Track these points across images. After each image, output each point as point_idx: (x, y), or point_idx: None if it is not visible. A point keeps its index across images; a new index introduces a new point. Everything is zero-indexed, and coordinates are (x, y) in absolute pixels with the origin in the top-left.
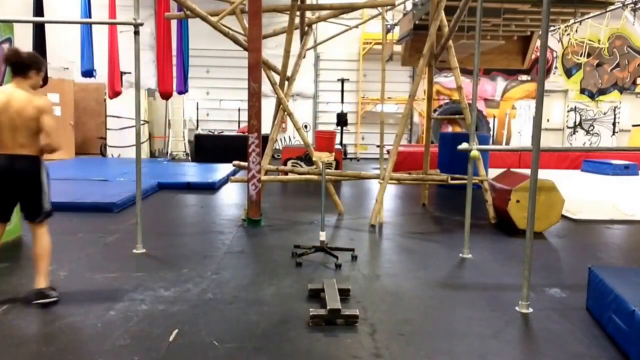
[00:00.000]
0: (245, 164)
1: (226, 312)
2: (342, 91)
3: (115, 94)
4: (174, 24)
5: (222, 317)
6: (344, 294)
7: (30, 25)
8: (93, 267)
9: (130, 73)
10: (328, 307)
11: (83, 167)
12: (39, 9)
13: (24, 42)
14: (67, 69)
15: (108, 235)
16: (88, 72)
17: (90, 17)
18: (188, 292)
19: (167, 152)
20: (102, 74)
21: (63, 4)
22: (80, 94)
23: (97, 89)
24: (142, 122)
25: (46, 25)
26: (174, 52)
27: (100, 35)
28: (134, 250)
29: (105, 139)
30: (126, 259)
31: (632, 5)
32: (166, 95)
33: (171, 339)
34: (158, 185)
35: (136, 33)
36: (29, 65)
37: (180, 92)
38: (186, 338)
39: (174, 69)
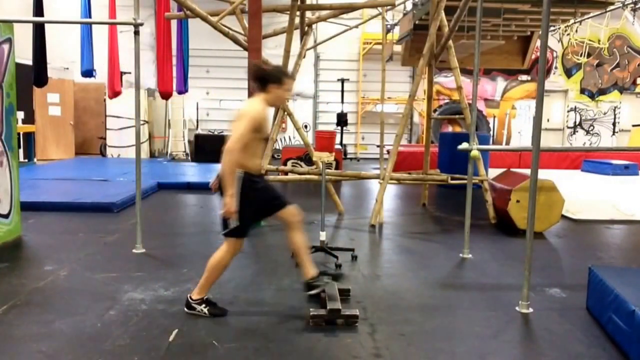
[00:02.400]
0: None
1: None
2: (342, 91)
3: (115, 94)
4: (174, 24)
5: (222, 317)
6: (344, 294)
7: (30, 25)
8: (93, 266)
9: (130, 73)
10: (328, 307)
11: (83, 167)
12: (38, 9)
13: (24, 42)
14: (67, 69)
15: (108, 235)
16: (88, 72)
17: (90, 17)
18: (188, 292)
19: (167, 152)
20: (102, 74)
21: (63, 4)
22: (80, 94)
23: (97, 89)
24: (142, 122)
25: (46, 25)
26: (174, 52)
27: (100, 35)
28: (134, 250)
29: (105, 139)
30: (126, 259)
31: (632, 5)
32: (166, 95)
33: (171, 338)
34: (158, 185)
35: (136, 33)
36: (266, 79)
37: (180, 92)
38: (186, 338)
39: (174, 69)
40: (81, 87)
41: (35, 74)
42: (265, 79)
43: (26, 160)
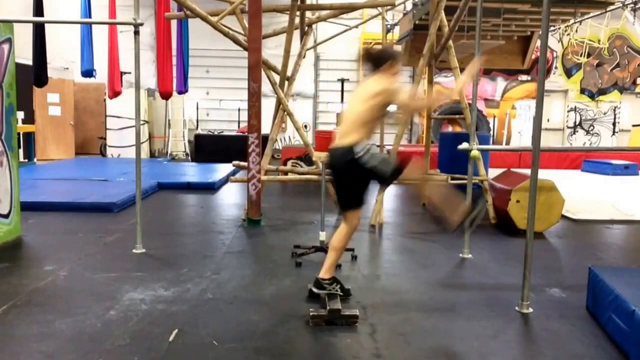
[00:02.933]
0: (245, 164)
1: (226, 312)
2: (342, 91)
3: (115, 94)
4: (174, 23)
5: (222, 317)
6: (345, 293)
7: (31, 25)
8: (93, 267)
9: (130, 73)
10: (328, 308)
11: (83, 167)
12: (39, 9)
13: (24, 42)
14: (67, 68)
15: (108, 235)
16: (88, 72)
17: (90, 17)
18: (188, 292)
19: (167, 152)
20: (102, 74)
21: (63, 4)
22: (80, 93)
23: (97, 89)
24: (142, 122)
25: (46, 25)
26: (174, 52)
27: (100, 35)
28: (134, 250)
29: (105, 139)
30: (126, 259)
31: (632, 5)
32: (166, 95)
33: (171, 338)
34: (158, 185)
35: (136, 33)
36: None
37: (180, 92)
38: (186, 338)
39: (174, 69)
40: (81, 87)
41: (35, 74)
42: (381, 58)
43: (26, 160)
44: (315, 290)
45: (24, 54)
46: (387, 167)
